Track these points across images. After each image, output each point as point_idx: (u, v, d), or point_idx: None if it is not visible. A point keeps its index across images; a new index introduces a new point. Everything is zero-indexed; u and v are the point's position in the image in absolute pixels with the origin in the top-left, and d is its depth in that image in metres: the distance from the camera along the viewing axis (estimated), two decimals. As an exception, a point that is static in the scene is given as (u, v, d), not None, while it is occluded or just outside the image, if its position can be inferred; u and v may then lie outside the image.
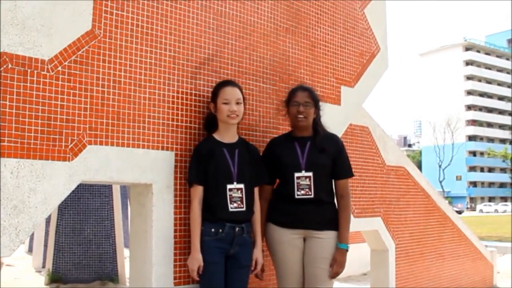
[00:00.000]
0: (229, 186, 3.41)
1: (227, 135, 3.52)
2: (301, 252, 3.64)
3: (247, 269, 3.49)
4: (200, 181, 3.38)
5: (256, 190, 3.61)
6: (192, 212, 3.35)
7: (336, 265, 3.59)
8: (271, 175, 3.71)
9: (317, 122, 3.75)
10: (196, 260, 3.28)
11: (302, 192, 3.59)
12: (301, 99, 3.67)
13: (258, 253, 3.54)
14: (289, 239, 3.61)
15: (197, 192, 3.38)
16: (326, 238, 3.61)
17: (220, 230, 3.35)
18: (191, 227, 3.35)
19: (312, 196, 3.59)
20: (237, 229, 3.40)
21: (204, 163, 3.39)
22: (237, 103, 3.47)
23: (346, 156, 3.80)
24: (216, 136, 3.52)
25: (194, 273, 3.28)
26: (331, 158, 3.69)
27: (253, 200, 3.56)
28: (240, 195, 3.43)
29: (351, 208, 3.79)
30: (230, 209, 3.38)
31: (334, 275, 3.61)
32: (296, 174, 3.61)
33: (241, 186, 3.45)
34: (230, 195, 3.40)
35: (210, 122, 3.59)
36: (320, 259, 3.58)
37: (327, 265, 3.59)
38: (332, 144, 3.74)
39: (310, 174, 3.60)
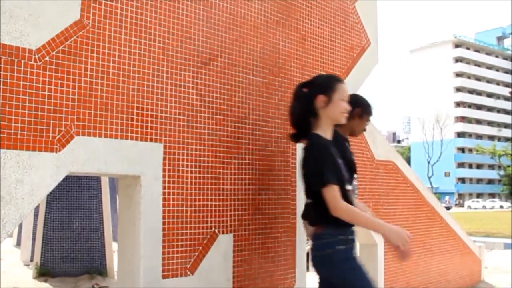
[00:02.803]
0: (347, 187, 3.16)
1: (330, 134, 3.26)
2: None
3: None
4: (337, 181, 3.07)
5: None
6: (347, 208, 3.03)
7: None
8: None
9: None
10: (398, 228, 3.09)
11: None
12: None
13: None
14: None
15: (338, 190, 3.03)
16: None
17: (351, 235, 3.17)
18: (362, 220, 3.07)
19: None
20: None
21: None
22: None
23: None
24: (323, 134, 3.22)
25: (406, 239, 3.13)
26: None
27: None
28: (353, 197, 3.23)
29: None
30: None
31: None
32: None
33: (350, 187, 3.24)
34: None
35: (306, 118, 3.30)
36: None
37: None
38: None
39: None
